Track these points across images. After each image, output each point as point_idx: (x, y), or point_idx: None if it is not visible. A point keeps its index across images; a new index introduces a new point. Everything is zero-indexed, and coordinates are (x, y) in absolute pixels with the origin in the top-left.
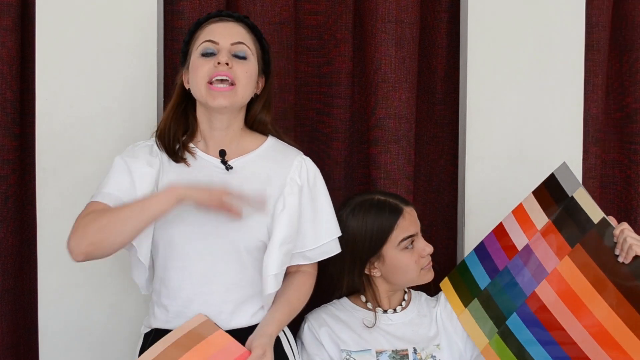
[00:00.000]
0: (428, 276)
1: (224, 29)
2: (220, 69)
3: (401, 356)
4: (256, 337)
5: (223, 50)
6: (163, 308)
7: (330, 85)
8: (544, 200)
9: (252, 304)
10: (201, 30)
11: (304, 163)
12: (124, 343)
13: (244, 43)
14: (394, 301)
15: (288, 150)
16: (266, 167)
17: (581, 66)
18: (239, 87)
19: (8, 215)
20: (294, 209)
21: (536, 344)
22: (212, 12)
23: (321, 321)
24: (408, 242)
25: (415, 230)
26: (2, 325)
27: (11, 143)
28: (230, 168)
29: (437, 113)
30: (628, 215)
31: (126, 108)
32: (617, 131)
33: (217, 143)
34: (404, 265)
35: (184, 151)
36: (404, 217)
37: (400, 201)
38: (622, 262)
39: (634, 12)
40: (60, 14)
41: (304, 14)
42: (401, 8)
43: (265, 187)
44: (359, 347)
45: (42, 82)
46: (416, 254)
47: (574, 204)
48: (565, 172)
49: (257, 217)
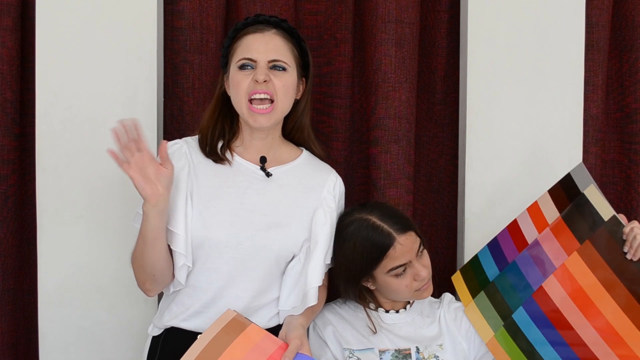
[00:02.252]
0: (424, 294)
1: (261, 43)
2: (258, 88)
3: (404, 355)
4: (290, 329)
5: (261, 67)
6: (182, 306)
7: (330, 85)
8: (558, 198)
9: (270, 308)
10: (239, 40)
11: (337, 181)
12: (124, 343)
13: (281, 60)
14: (397, 303)
15: (322, 165)
16: (303, 178)
17: (581, 66)
18: (278, 102)
19: (8, 215)
20: (335, 222)
21: (547, 344)
22: (249, 18)
23: (326, 320)
24: (399, 270)
25: (407, 259)
26: (2, 325)
27: (11, 143)
28: (269, 175)
29: (437, 113)
30: (628, 216)
31: (126, 108)
32: (617, 131)
33: (256, 150)
34: (395, 289)
35: (225, 151)
36: (395, 248)
37: (398, 227)
38: (630, 259)
39: (634, 12)
40: (60, 14)
41: (304, 14)
42: (401, 8)
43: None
44: (362, 346)
45: (42, 82)
46: (409, 279)
47: (584, 200)
48: (581, 172)
49: (295, 229)
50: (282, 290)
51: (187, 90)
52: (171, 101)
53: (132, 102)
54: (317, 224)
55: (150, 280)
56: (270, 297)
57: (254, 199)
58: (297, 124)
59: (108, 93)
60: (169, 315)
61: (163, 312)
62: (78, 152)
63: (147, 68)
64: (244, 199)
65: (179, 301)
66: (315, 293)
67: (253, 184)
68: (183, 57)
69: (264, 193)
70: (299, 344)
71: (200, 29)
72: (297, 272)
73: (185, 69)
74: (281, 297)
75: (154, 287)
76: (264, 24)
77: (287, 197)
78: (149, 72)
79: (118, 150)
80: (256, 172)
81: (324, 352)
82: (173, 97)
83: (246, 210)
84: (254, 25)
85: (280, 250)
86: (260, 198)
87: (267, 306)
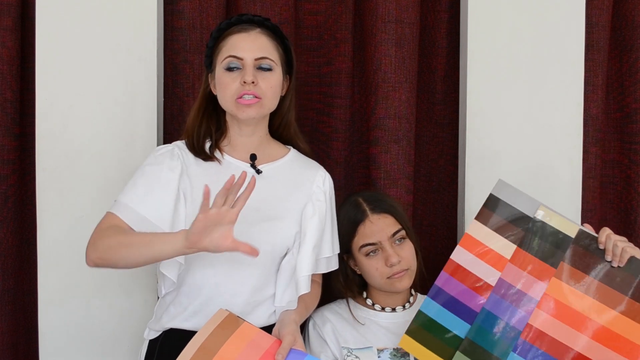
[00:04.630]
0: (397, 285)
1: (247, 42)
2: (247, 88)
3: (402, 354)
4: (283, 325)
5: (247, 66)
6: (180, 306)
7: (330, 85)
8: (496, 225)
9: (268, 305)
10: (224, 40)
11: (326, 176)
12: (124, 343)
13: (267, 57)
14: (397, 301)
15: (310, 162)
16: (292, 175)
17: (581, 66)
18: (265, 100)
19: (8, 215)
20: (323, 214)
21: None
22: (232, 17)
23: (325, 319)
24: (369, 249)
25: (378, 239)
26: (2, 325)
27: (11, 143)
28: (260, 172)
29: (437, 113)
30: (628, 215)
31: (126, 108)
32: (617, 131)
33: (244, 148)
34: (367, 270)
35: (214, 150)
36: (364, 225)
37: (374, 207)
38: (617, 266)
39: (634, 12)
40: (60, 14)
41: (304, 14)
42: (401, 8)
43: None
44: (360, 345)
45: (42, 82)
46: (380, 262)
47: (540, 225)
48: (508, 190)
49: (288, 223)
50: (277, 286)
51: (187, 90)
52: (171, 101)
53: (132, 102)
54: (306, 217)
55: (109, 265)
56: (268, 294)
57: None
58: (283, 121)
59: (108, 93)
60: (168, 316)
61: (160, 315)
62: (78, 152)
63: (147, 68)
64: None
65: (177, 302)
66: (306, 281)
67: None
68: (183, 57)
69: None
70: (292, 340)
71: (200, 29)
72: (291, 267)
73: (185, 69)
74: (277, 293)
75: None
76: (248, 23)
77: (278, 193)
78: (149, 72)
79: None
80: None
81: (324, 350)
82: (173, 97)
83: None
84: (239, 25)
85: (274, 244)
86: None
87: (265, 303)
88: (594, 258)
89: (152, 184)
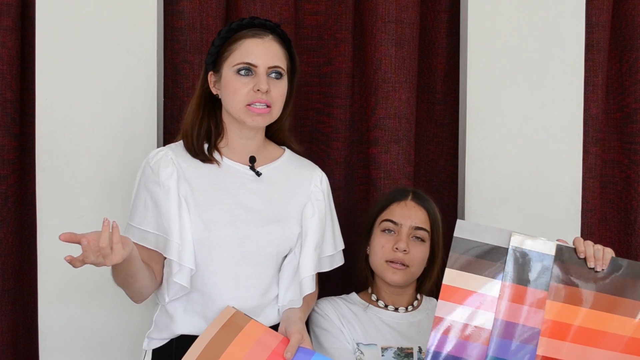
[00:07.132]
0: (389, 275)
1: (262, 49)
2: (259, 97)
3: (406, 354)
4: (290, 323)
5: (261, 74)
6: (195, 314)
7: (330, 85)
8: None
9: (274, 306)
10: (236, 43)
11: (323, 175)
12: (124, 343)
13: (279, 66)
14: (401, 301)
15: (305, 162)
16: (290, 175)
17: (581, 66)
18: (274, 109)
19: (8, 215)
20: (323, 214)
21: None
22: (244, 19)
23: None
24: (387, 225)
25: (401, 221)
26: (2, 325)
27: (11, 143)
28: (259, 174)
29: (437, 113)
30: (628, 215)
31: (126, 108)
32: (617, 131)
33: (243, 150)
34: (374, 245)
35: (213, 152)
36: (399, 204)
37: (415, 197)
38: (601, 270)
39: (634, 12)
40: (60, 14)
41: (304, 14)
42: (401, 8)
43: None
44: (364, 340)
45: (42, 82)
46: (389, 243)
47: (520, 252)
48: (470, 228)
49: (291, 224)
50: (280, 286)
51: (187, 90)
52: (171, 101)
53: (132, 102)
54: (306, 217)
55: (137, 296)
56: (273, 295)
57: (248, 198)
58: (282, 126)
59: (108, 93)
60: (182, 324)
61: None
62: (78, 152)
63: (147, 68)
64: (239, 198)
65: (190, 310)
66: (310, 281)
67: (245, 184)
68: (183, 57)
69: (257, 192)
70: (300, 338)
71: (200, 29)
72: (293, 267)
73: (185, 69)
74: (280, 293)
75: (142, 298)
76: (260, 27)
77: (278, 194)
78: (149, 72)
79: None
80: (246, 173)
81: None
82: (173, 97)
83: (243, 210)
84: (251, 29)
85: (279, 245)
86: (254, 197)
87: (271, 303)
88: (579, 269)
89: (153, 198)
